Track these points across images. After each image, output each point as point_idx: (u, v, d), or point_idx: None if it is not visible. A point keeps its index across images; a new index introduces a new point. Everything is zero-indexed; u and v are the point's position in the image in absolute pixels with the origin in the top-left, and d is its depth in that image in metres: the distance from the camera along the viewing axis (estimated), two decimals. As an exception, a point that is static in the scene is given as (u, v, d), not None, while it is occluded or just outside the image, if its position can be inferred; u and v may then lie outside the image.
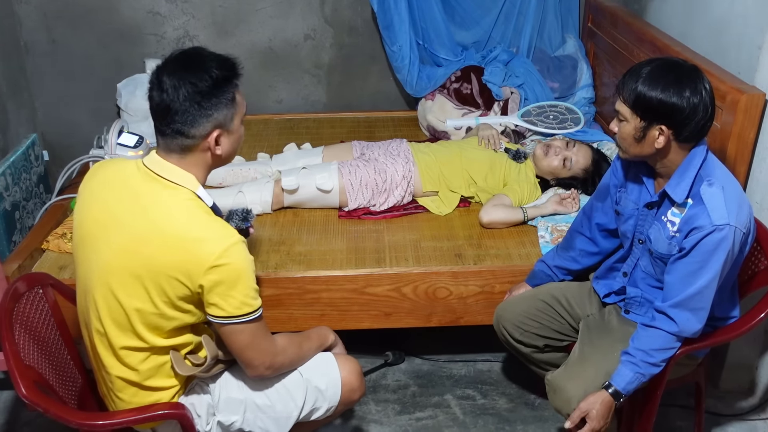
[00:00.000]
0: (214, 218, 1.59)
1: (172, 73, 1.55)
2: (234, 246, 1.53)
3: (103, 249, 1.59)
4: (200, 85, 1.53)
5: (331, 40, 3.66)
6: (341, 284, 2.35)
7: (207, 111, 1.55)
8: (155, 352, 1.64)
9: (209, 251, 1.51)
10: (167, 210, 1.56)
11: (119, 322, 1.59)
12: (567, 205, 2.64)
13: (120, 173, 1.65)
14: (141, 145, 2.78)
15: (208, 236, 1.53)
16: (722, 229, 1.68)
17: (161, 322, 1.59)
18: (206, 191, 1.63)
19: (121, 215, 1.58)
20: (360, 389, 1.88)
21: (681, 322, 1.78)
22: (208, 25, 3.57)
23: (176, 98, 1.53)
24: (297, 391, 1.79)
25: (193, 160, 1.61)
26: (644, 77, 1.72)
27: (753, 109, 2.14)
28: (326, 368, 1.84)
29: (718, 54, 2.47)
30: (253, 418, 1.77)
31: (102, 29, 3.53)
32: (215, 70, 1.56)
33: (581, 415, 1.82)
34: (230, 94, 1.59)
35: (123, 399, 1.69)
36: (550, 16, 3.57)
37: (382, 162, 2.75)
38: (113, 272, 1.57)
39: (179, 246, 1.52)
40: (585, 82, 3.42)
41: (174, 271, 1.52)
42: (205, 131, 1.57)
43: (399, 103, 3.84)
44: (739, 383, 2.52)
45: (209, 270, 1.51)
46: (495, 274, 2.37)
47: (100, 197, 1.64)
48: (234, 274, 1.53)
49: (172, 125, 1.55)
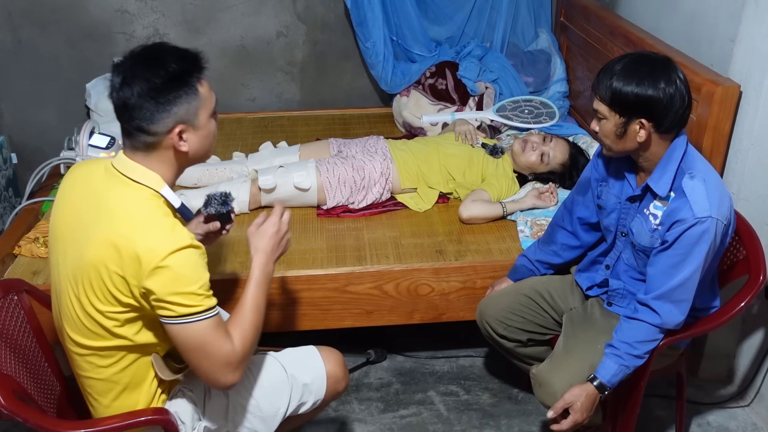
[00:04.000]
0: (170, 220, 1.54)
1: (127, 70, 1.51)
2: (180, 251, 1.47)
3: (69, 252, 1.57)
4: (155, 80, 1.49)
5: (303, 37, 3.63)
6: (322, 283, 2.33)
7: (165, 106, 1.51)
8: (126, 351, 1.60)
9: (154, 253, 1.45)
10: (123, 209, 1.52)
11: (85, 324, 1.56)
12: (545, 199, 2.65)
13: (88, 174, 1.62)
14: (113, 146, 2.73)
15: (155, 237, 1.48)
16: (704, 222, 1.69)
17: (122, 320, 1.55)
18: (174, 191, 1.59)
19: (85, 217, 1.55)
20: (345, 380, 1.87)
21: (664, 314, 1.79)
22: (179, 23, 3.52)
23: (132, 95, 1.49)
24: (282, 389, 1.77)
25: (158, 157, 1.56)
26: (618, 73, 1.72)
27: (728, 100, 2.17)
28: (310, 362, 1.83)
29: (691, 46, 2.50)
30: (240, 420, 1.75)
31: (69, 28, 3.46)
32: (173, 64, 1.51)
33: (565, 406, 1.82)
34: (191, 88, 1.54)
35: (102, 403, 1.66)
36: (523, 10, 3.58)
37: (359, 159, 2.74)
38: (76, 274, 1.54)
39: (126, 245, 1.47)
40: (559, 76, 3.44)
41: (121, 269, 1.48)
42: (166, 127, 1.52)
43: (374, 100, 3.82)
44: (717, 372, 2.55)
45: (152, 271, 1.46)
46: (476, 269, 2.37)
47: (68, 200, 1.62)
48: (177, 278, 1.47)
49: (132, 122, 1.52)
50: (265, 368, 1.80)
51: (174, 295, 1.47)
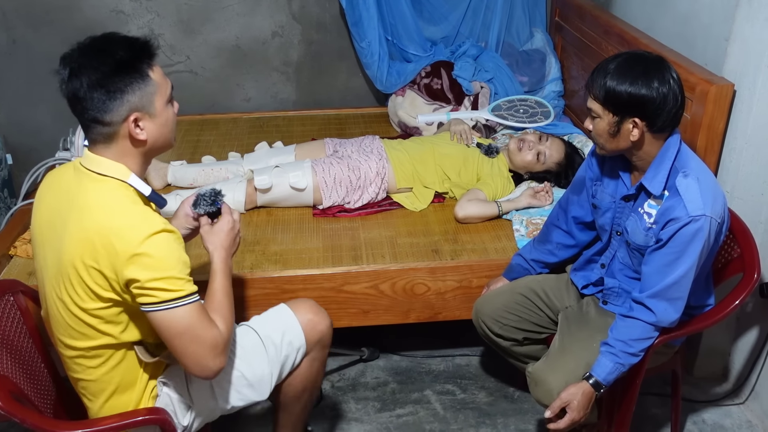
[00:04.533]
0: (140, 207, 1.53)
1: (74, 61, 1.50)
2: (155, 236, 1.47)
3: (49, 254, 1.58)
4: (103, 68, 1.47)
5: (299, 37, 3.63)
6: (319, 283, 2.33)
7: (116, 95, 1.48)
8: (117, 348, 1.61)
9: (128, 241, 1.45)
10: (93, 203, 1.51)
11: (70, 324, 1.57)
12: (541, 198, 2.65)
13: (59, 177, 1.63)
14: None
15: (127, 225, 1.48)
16: (698, 220, 1.70)
17: (106, 317, 1.55)
18: (140, 179, 1.58)
19: (59, 218, 1.55)
20: (323, 321, 1.87)
21: (659, 312, 1.80)
22: (174, 23, 3.51)
23: (80, 86, 1.48)
24: (258, 351, 1.79)
25: (119, 149, 1.55)
26: (612, 73, 1.73)
27: (722, 99, 2.18)
28: (279, 317, 1.86)
29: (685, 46, 2.51)
30: (229, 394, 1.77)
31: (64, 28, 3.45)
32: (120, 52, 1.50)
33: (562, 405, 1.83)
34: (142, 74, 1.52)
35: (97, 403, 1.66)
36: (518, 10, 3.59)
37: (355, 159, 2.74)
38: (57, 275, 1.55)
39: (99, 237, 1.47)
40: (553, 75, 3.45)
41: (97, 263, 1.48)
42: (121, 116, 1.51)
43: (369, 100, 3.82)
44: (713, 370, 2.56)
45: (130, 259, 1.45)
46: (472, 268, 2.37)
47: (44, 204, 1.63)
48: (155, 263, 1.47)
49: (86, 114, 1.51)
50: (239, 338, 1.80)
51: (155, 281, 1.47)
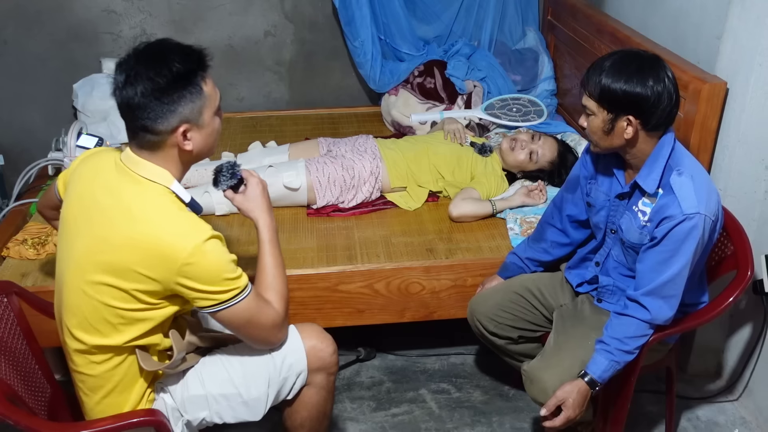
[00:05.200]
0: (186, 214, 1.56)
1: (131, 69, 1.50)
2: (204, 243, 1.50)
3: (78, 244, 1.56)
4: (158, 79, 1.48)
5: (291, 37, 3.63)
6: (313, 282, 2.33)
7: (169, 106, 1.50)
8: (124, 351, 1.61)
9: (180, 248, 1.48)
10: (138, 206, 1.52)
11: (88, 319, 1.56)
12: (534, 196, 2.66)
13: (99, 169, 1.62)
14: (101, 146, 2.71)
15: (179, 234, 1.50)
16: (692, 218, 1.71)
17: (131, 319, 1.56)
18: (181, 186, 1.60)
19: (95, 211, 1.55)
20: (327, 347, 1.82)
21: (653, 310, 1.81)
22: (166, 23, 3.50)
23: (135, 94, 1.48)
24: (259, 371, 1.75)
25: (163, 156, 1.57)
26: (607, 70, 1.73)
27: (715, 98, 2.18)
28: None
29: (678, 44, 2.51)
30: (221, 409, 1.75)
31: (55, 29, 3.44)
32: (177, 63, 1.50)
33: (557, 403, 1.83)
34: (196, 87, 1.53)
35: (93, 399, 1.66)
36: (510, 9, 3.60)
37: (349, 158, 2.74)
38: (85, 268, 1.54)
39: (148, 243, 1.49)
40: (546, 74, 3.45)
41: (144, 269, 1.49)
42: (171, 126, 1.52)
43: (362, 99, 3.82)
44: (706, 367, 2.57)
45: (181, 268, 1.49)
46: (467, 267, 2.38)
47: (78, 192, 1.61)
48: (207, 270, 1.51)
49: (136, 122, 1.52)
50: (240, 355, 1.78)
51: (210, 285, 1.52)
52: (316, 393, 1.83)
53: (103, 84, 3.31)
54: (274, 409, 1.81)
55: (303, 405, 1.84)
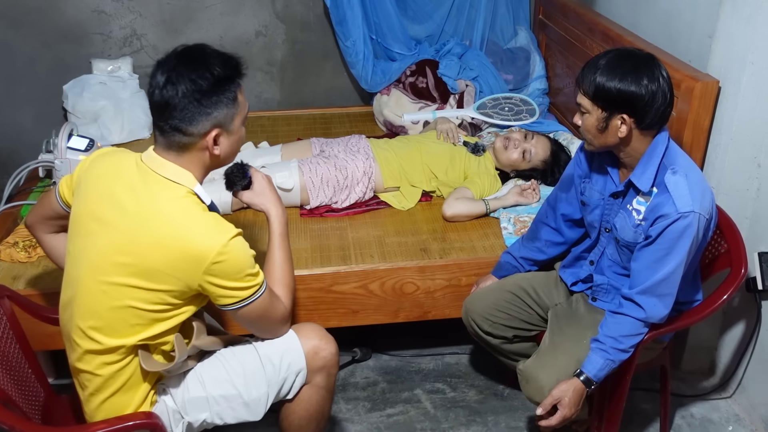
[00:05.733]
0: (211, 215, 1.57)
1: (172, 69, 1.52)
2: (231, 241, 1.53)
3: (98, 244, 1.56)
4: (201, 82, 1.51)
5: (283, 37, 3.62)
6: (308, 283, 2.32)
7: (207, 109, 1.54)
8: (135, 350, 1.61)
9: (207, 249, 1.51)
10: (163, 208, 1.54)
11: (107, 320, 1.56)
12: (528, 196, 2.66)
13: (119, 168, 1.62)
14: (92, 148, 2.69)
15: (204, 233, 1.52)
16: (687, 217, 1.71)
17: (152, 320, 1.57)
18: (202, 188, 1.61)
19: (117, 211, 1.55)
20: (327, 346, 1.82)
21: (648, 308, 1.81)
22: (156, 23, 3.49)
23: (175, 94, 1.51)
24: (258, 371, 1.75)
25: (190, 158, 1.59)
26: (602, 68, 1.74)
27: (707, 96, 2.19)
28: (283, 338, 1.80)
29: (669, 43, 2.52)
30: (222, 410, 1.75)
31: (45, 29, 3.41)
32: (218, 68, 1.54)
33: (553, 402, 1.84)
34: (232, 93, 1.57)
35: (99, 399, 1.65)
36: (502, 8, 3.60)
37: (342, 159, 2.73)
38: (104, 269, 1.54)
39: (175, 244, 1.51)
40: (538, 73, 3.46)
41: (170, 269, 1.51)
42: (204, 130, 1.55)
43: (354, 99, 3.82)
44: (700, 364, 2.58)
45: (209, 267, 1.51)
46: (461, 267, 2.38)
47: (95, 192, 1.61)
48: (234, 267, 1.55)
49: (171, 121, 1.53)
50: (240, 356, 1.78)
51: (235, 282, 1.55)
52: (316, 393, 1.83)
53: (94, 85, 3.29)
54: (270, 410, 1.81)
55: (302, 405, 1.84)
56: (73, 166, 2.60)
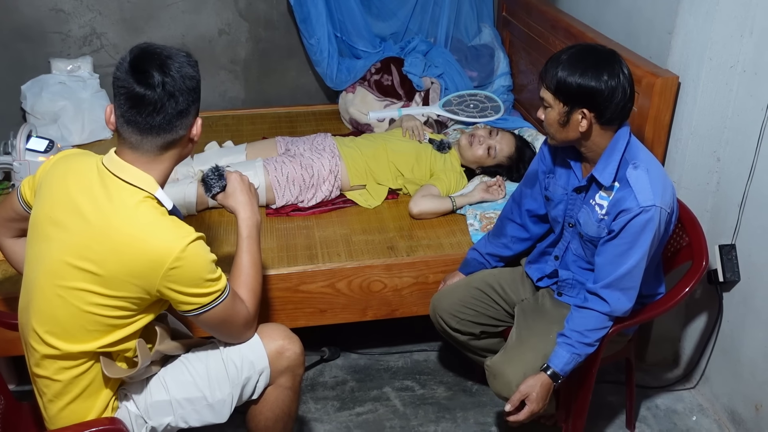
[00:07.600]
0: (170, 219, 1.54)
1: (161, 67, 1.50)
2: (189, 246, 1.50)
3: (55, 249, 1.52)
4: (198, 77, 1.55)
5: (246, 35, 3.59)
6: (274, 283, 2.31)
7: (196, 103, 1.56)
8: (95, 356, 1.58)
9: (164, 254, 1.48)
10: (121, 212, 1.50)
11: (64, 325, 1.53)
12: (493, 192, 2.67)
13: (79, 171, 1.57)
14: (52, 149, 2.64)
15: (161, 238, 1.49)
16: (648, 211, 1.74)
17: (111, 326, 1.54)
18: (164, 192, 1.58)
19: (75, 216, 1.51)
20: (291, 346, 1.79)
21: (613, 302, 1.83)
22: (117, 21, 3.43)
23: (175, 94, 1.50)
24: (220, 373, 1.73)
25: (170, 155, 1.57)
26: (564, 63, 1.76)
27: (667, 91, 2.22)
28: None
29: (630, 39, 2.55)
30: (186, 413, 1.73)
31: (1, 28, 3.33)
32: (192, 64, 1.57)
33: (521, 398, 1.85)
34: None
35: (58, 405, 1.61)
36: (465, 6, 3.61)
37: (308, 157, 2.72)
38: (61, 274, 1.50)
39: (132, 250, 1.47)
40: (502, 70, 3.48)
41: (128, 276, 1.48)
42: (189, 122, 1.57)
43: (319, 97, 3.80)
44: (664, 356, 2.62)
45: (166, 273, 1.48)
46: (428, 264, 2.38)
47: (53, 195, 1.56)
48: (192, 272, 1.51)
49: (155, 118, 1.50)
50: (203, 358, 1.76)
51: (194, 288, 1.52)
52: (282, 393, 1.82)
53: (53, 85, 3.22)
54: (236, 412, 1.79)
55: (268, 405, 1.82)
56: (32, 168, 2.55)
